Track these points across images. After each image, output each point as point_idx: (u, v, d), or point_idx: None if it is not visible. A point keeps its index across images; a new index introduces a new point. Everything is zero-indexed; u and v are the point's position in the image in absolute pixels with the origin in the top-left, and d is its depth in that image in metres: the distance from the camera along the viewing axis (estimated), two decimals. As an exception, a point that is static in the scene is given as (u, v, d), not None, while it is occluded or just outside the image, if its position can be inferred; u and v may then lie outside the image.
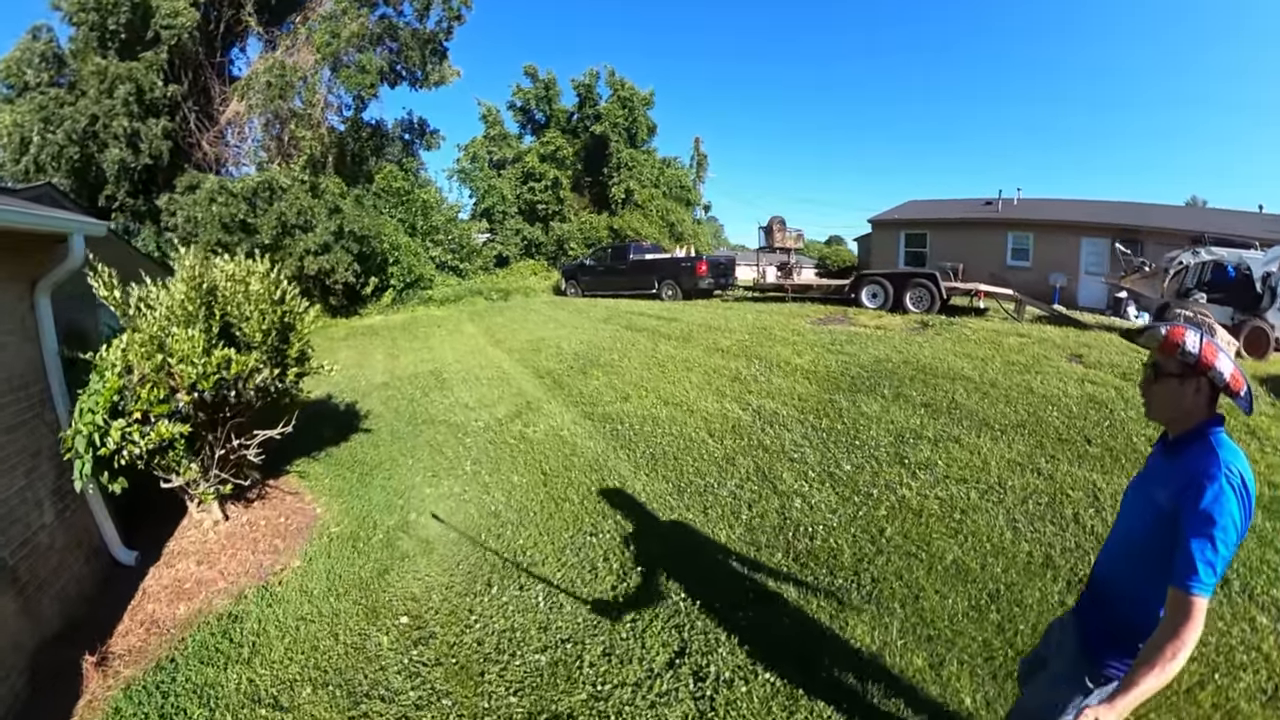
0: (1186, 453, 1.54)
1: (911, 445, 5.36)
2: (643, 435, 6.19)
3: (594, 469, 5.55)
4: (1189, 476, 1.47)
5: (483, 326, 13.40)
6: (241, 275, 4.70)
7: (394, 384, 9.31)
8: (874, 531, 4.17)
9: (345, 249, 13.93)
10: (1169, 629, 1.39)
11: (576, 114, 25.83)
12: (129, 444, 3.81)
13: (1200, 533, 1.40)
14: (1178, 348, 1.53)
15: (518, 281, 19.09)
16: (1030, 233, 20.98)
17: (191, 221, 13.18)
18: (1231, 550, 1.41)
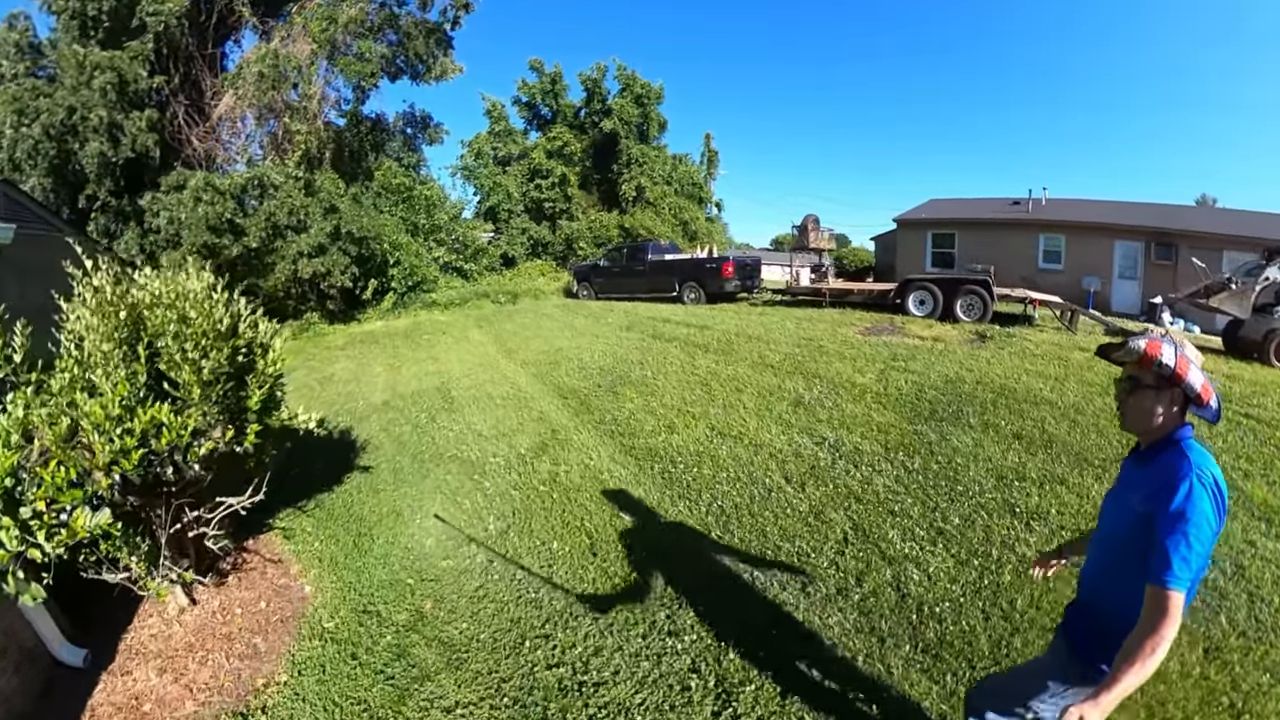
0: (1159, 458, 1.58)
1: (1017, 489, 4.48)
2: (702, 480, 5.02)
3: (650, 529, 4.40)
4: (1163, 480, 1.51)
5: (491, 333, 12.22)
6: (171, 298, 3.48)
7: (396, 403, 8.13)
8: (1004, 604, 3.35)
9: (342, 250, 12.75)
10: (1148, 625, 1.40)
11: (584, 109, 24.64)
12: (31, 547, 2.64)
13: (1175, 531, 1.43)
14: (1155, 361, 1.57)
15: (525, 283, 17.90)
16: (1062, 234, 20.10)
17: (174, 223, 11.96)
18: (1206, 548, 1.44)
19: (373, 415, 7.75)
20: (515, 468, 5.60)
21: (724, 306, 13.22)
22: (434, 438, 6.63)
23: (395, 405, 8.05)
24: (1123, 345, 1.65)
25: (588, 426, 6.50)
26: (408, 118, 18.14)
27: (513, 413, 7.18)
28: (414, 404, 8.00)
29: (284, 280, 13.23)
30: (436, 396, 8.23)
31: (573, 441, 6.10)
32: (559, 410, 7.13)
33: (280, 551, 4.61)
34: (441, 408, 7.69)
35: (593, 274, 15.56)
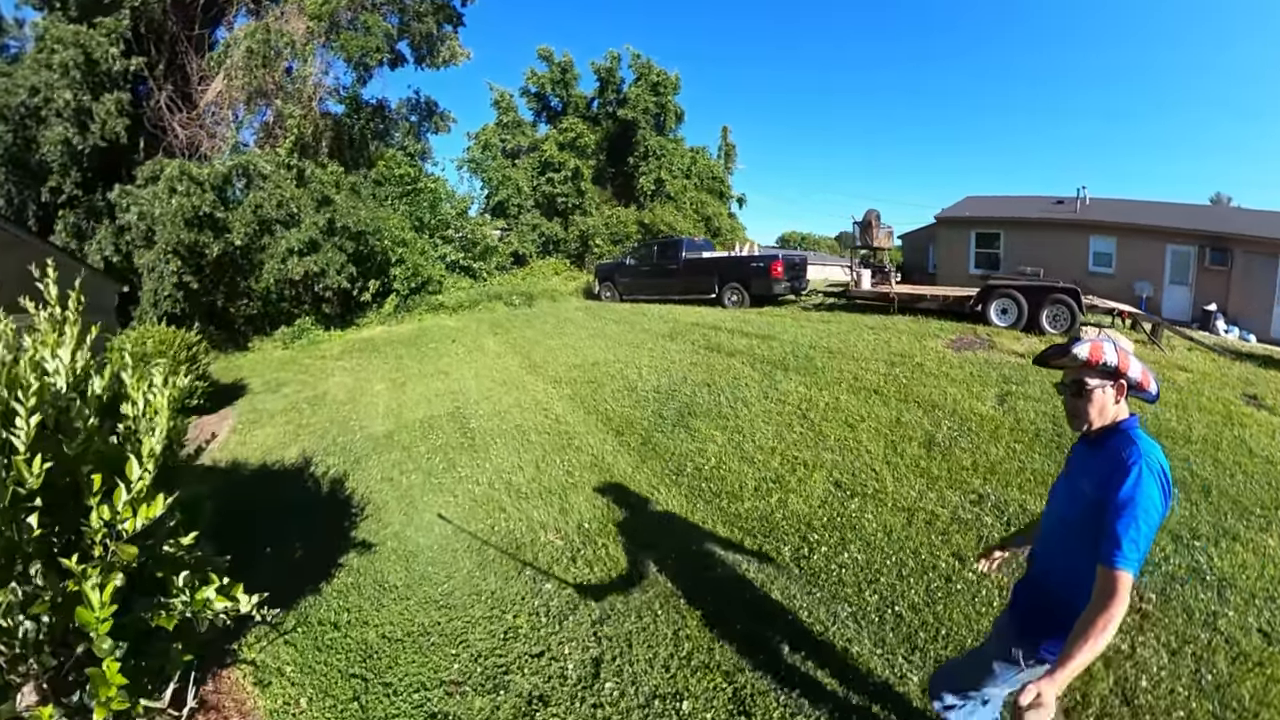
0: (1108, 445, 1.62)
1: (1194, 549, 3.53)
2: (857, 568, 3.35)
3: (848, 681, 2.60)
4: (1112, 466, 1.55)
5: (509, 341, 10.42)
6: None
7: (402, 437, 6.34)
8: (1235, 703, 2.51)
9: (337, 247, 10.96)
10: (1099, 604, 1.43)
11: (597, 100, 22.85)
12: None
13: (1124, 514, 1.46)
14: (1100, 361, 1.63)
15: (540, 283, 16.10)
16: (1113, 237, 18.65)
17: (146, 218, 10.15)
18: (1153, 530, 1.48)
19: (372, 454, 5.95)
20: (587, 559, 3.78)
21: (773, 311, 11.43)
22: (455, 495, 4.84)
23: (401, 440, 6.26)
24: (1065, 353, 1.70)
25: (664, 480, 4.72)
26: (412, 104, 16.33)
27: (555, 455, 5.39)
28: (424, 438, 6.21)
29: (273, 281, 11.40)
30: (452, 427, 6.44)
31: (651, 506, 4.32)
32: (616, 452, 5.35)
33: (252, 707, 2.82)
34: (460, 445, 5.90)
35: (617, 273, 13.78)
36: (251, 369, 10.74)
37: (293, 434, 6.96)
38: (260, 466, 6.03)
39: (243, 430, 7.41)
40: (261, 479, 5.73)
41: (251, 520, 4.75)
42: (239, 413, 8.25)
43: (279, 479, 5.68)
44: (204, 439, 8.14)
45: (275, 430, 7.15)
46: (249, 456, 6.45)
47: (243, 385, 9.76)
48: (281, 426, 7.28)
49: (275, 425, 7.38)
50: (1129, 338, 9.01)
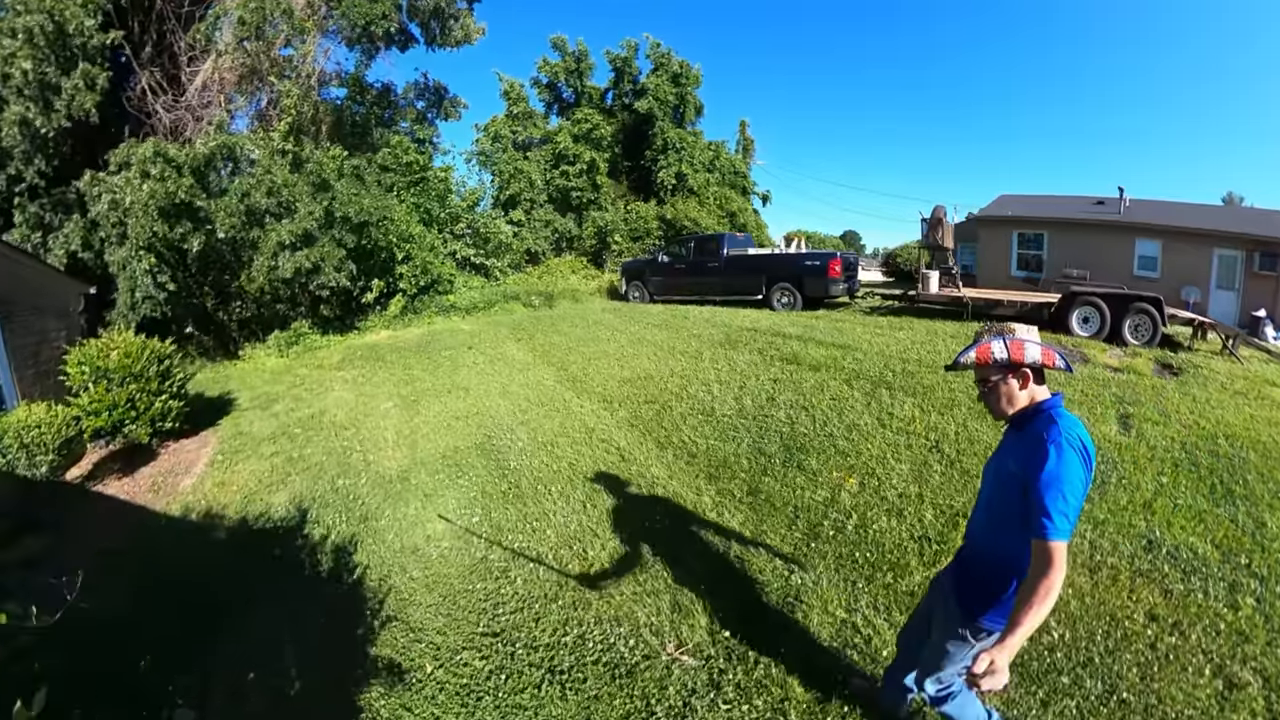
0: (1030, 427, 1.70)
1: None
2: (1082, 659, 2.56)
3: None
4: (1034, 444, 1.63)
5: (537, 348, 8.96)
6: None
7: (420, 479, 4.90)
8: None
9: (336, 240, 9.44)
10: (1038, 573, 1.50)
11: (612, 91, 21.41)
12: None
13: (1050, 488, 1.54)
14: (990, 358, 1.74)
15: (557, 282, 14.64)
16: (1158, 240, 17.75)
17: (117, 207, 8.60)
18: (1079, 500, 1.56)
19: (385, 506, 4.50)
20: (733, 685, 2.38)
21: (828, 314, 10.06)
22: (512, 581, 3.37)
23: (420, 484, 4.80)
24: (957, 363, 1.81)
25: (800, 547, 3.38)
26: (420, 89, 14.77)
27: (635, 514, 3.96)
28: (451, 481, 4.76)
29: (265, 281, 9.88)
30: (485, 466, 4.99)
31: (796, 591, 2.90)
32: (720, 506, 3.94)
33: None
34: (501, 494, 4.45)
35: (648, 271, 12.34)
36: (241, 380, 9.25)
37: (282, 471, 5.49)
38: (240, 522, 4.57)
39: (223, 463, 5.94)
40: (241, 543, 4.28)
41: (226, 617, 3.29)
42: (221, 437, 6.77)
43: (264, 543, 4.22)
44: (179, 470, 6.69)
45: (261, 465, 5.68)
46: (228, 503, 4.98)
47: (230, 400, 8.28)
48: (269, 460, 5.81)
49: (262, 457, 5.91)
50: (1205, 348, 8.15)
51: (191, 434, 7.00)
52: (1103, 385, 5.96)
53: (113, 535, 4.72)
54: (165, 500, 5.40)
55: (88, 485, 6.07)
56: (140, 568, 4.05)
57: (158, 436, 6.50)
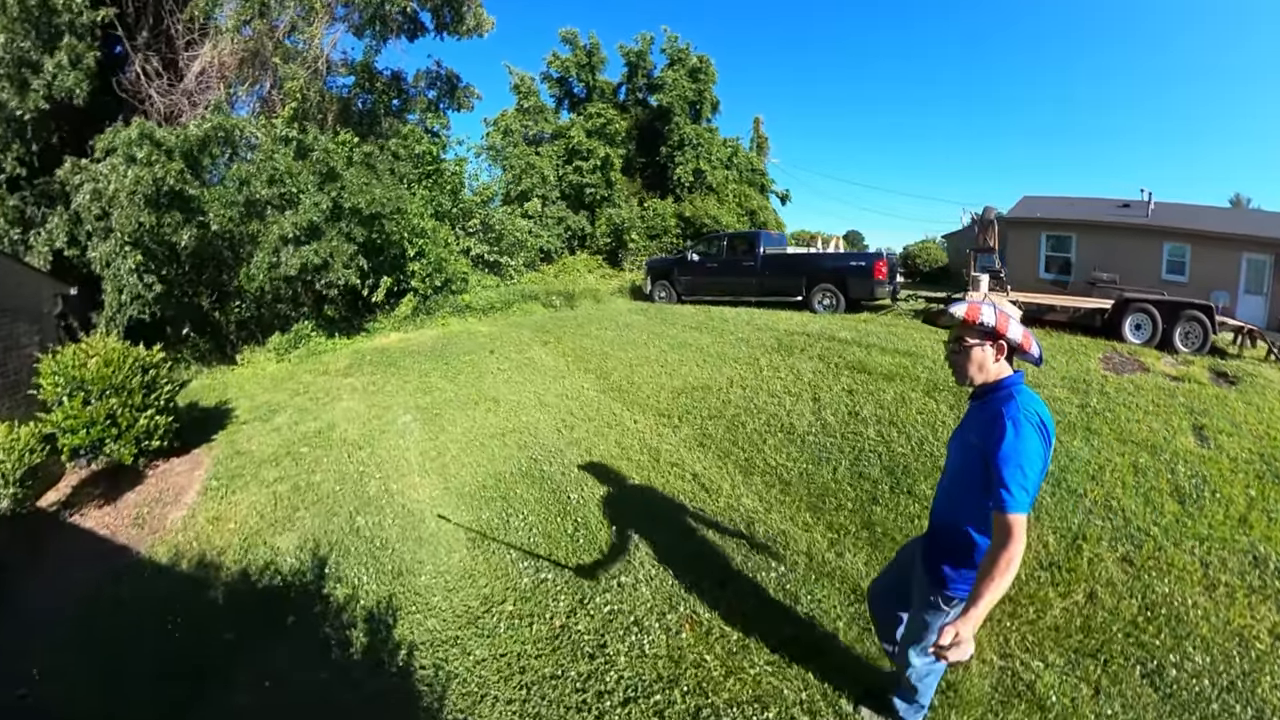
0: (990, 401, 1.71)
1: None
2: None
3: None
4: (993, 419, 1.63)
5: (568, 353, 8.06)
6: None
7: (460, 514, 3.99)
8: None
9: (345, 235, 8.49)
10: (999, 545, 1.51)
11: (625, 86, 20.55)
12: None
13: (1009, 463, 1.55)
14: (978, 320, 1.70)
15: (575, 281, 13.72)
16: (1186, 244, 17.44)
17: (100, 197, 7.62)
18: (1038, 474, 1.59)
19: (424, 556, 3.60)
20: None
21: (874, 318, 9.22)
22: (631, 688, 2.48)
23: (467, 527, 3.88)
24: (945, 312, 1.75)
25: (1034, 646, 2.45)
26: (431, 77, 13.79)
27: (741, 558, 3.05)
28: (504, 521, 3.88)
29: (265, 279, 8.93)
30: (540, 499, 4.10)
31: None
32: (840, 548, 3.09)
33: None
34: (570, 537, 3.57)
35: (677, 270, 11.45)
36: (239, 387, 8.30)
37: (289, 503, 4.57)
38: (240, 575, 3.65)
39: (219, 491, 5.01)
40: (243, 605, 3.37)
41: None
42: (217, 457, 5.84)
43: (272, 606, 3.30)
44: (168, 498, 5.73)
45: (263, 495, 4.76)
46: (225, 547, 4.06)
47: (227, 410, 7.35)
48: (272, 488, 4.89)
49: (263, 484, 4.99)
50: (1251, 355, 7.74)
51: (183, 452, 6.07)
52: (1169, 395, 5.45)
53: (84, 591, 3.79)
54: (151, 539, 4.47)
55: (64, 515, 5.14)
56: (113, 645, 3.13)
57: (144, 456, 5.57)
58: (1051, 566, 3.14)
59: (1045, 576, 3.07)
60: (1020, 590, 2.97)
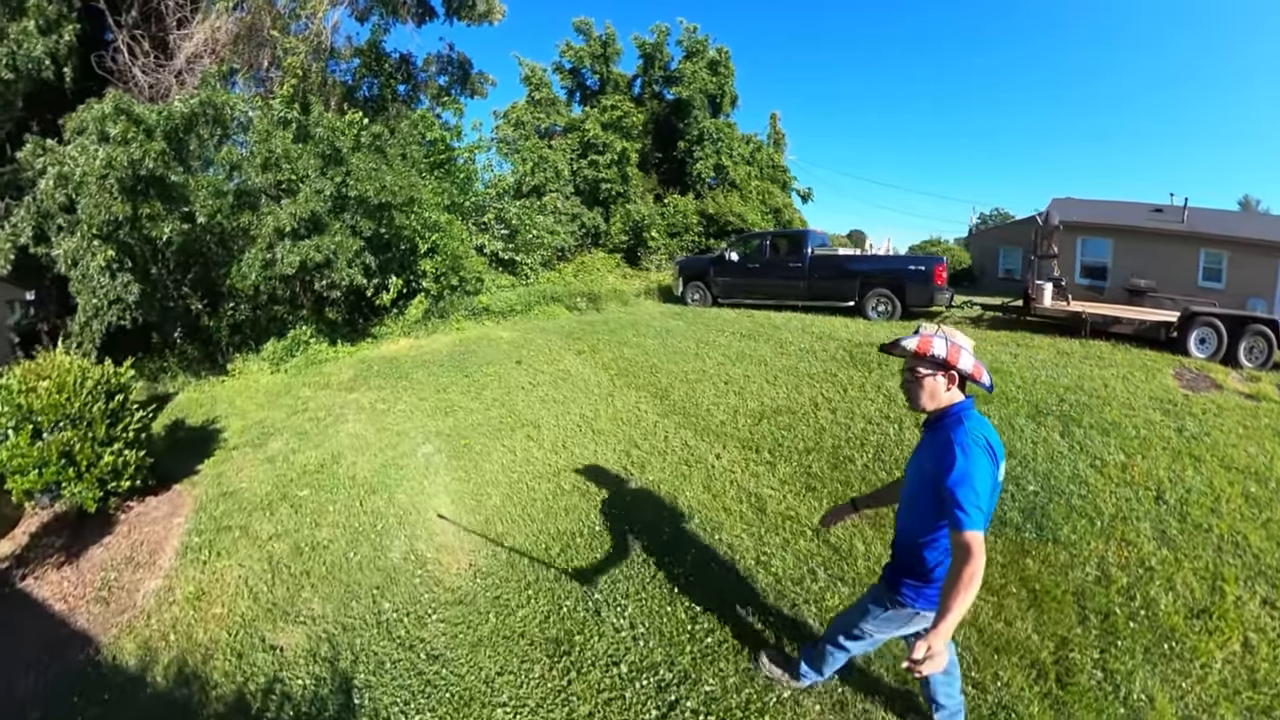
0: (941, 428, 1.79)
1: None
2: None
3: None
4: (944, 446, 1.71)
5: (605, 364, 7.00)
6: None
7: (532, 602, 2.92)
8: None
9: (350, 227, 7.34)
10: (960, 562, 1.56)
11: (641, 78, 19.42)
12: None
13: (960, 485, 1.62)
14: (929, 352, 1.77)
15: (596, 281, 12.65)
16: (1224, 251, 16.81)
17: (66, 183, 6.45)
18: (989, 493, 1.66)
19: (503, 695, 2.51)
20: None
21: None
22: None
23: (551, 634, 2.83)
24: (898, 345, 1.83)
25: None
26: (443, 61, 12.59)
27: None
28: (602, 615, 2.80)
29: (259, 278, 7.79)
30: (637, 578, 3.04)
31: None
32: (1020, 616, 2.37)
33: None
34: (705, 644, 2.50)
35: (714, 271, 10.41)
36: (230, 403, 7.18)
37: (290, 574, 3.50)
38: (233, 706, 2.55)
39: (202, 551, 3.92)
40: None
41: None
42: (201, 498, 4.74)
43: None
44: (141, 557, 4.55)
45: (256, 559, 3.68)
46: (210, 646, 2.99)
47: (214, 431, 6.26)
48: (267, 547, 3.81)
49: (257, 543, 3.90)
50: None
51: (161, 489, 4.97)
52: (1253, 416, 5.04)
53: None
54: (117, 624, 3.39)
55: (15, 576, 4.05)
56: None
57: (114, 497, 4.47)
58: (1202, 614, 2.87)
59: (1199, 625, 2.81)
60: (1181, 644, 2.69)
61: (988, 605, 2.82)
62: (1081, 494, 3.78)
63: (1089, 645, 2.63)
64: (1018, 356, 6.65)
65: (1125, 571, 3.10)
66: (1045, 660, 2.52)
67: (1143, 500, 3.74)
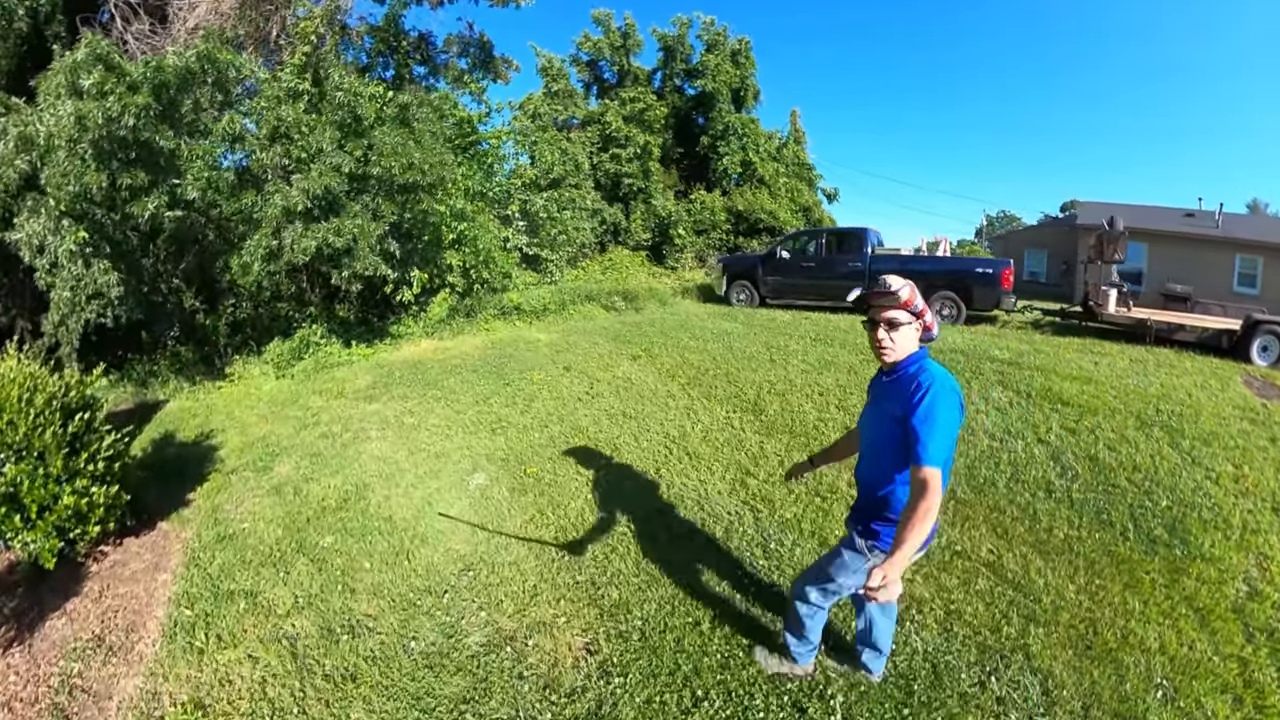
0: (906, 374, 1.76)
1: None
2: None
3: None
4: (912, 388, 1.70)
5: (671, 371, 5.93)
6: None
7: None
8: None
9: (371, 211, 6.23)
10: (917, 497, 1.59)
11: (661, 71, 18.44)
12: None
13: (926, 423, 1.63)
14: (912, 303, 1.77)
15: (626, 279, 11.57)
16: (1258, 256, 16.36)
17: (27, 146, 5.24)
18: (952, 432, 1.68)
19: None
20: None
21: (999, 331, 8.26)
22: None
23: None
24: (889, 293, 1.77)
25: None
26: (463, 42, 11.47)
27: None
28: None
29: (260, 270, 6.62)
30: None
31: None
32: None
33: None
34: None
35: (763, 270, 9.42)
36: (228, 413, 6.03)
37: (325, 674, 2.39)
38: None
39: (193, 630, 2.80)
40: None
41: None
42: (192, 545, 3.61)
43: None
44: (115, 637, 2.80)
45: (274, 647, 2.57)
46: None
47: (210, 448, 5.13)
48: (284, 624, 2.71)
49: (268, 619, 2.79)
50: None
51: (144, 529, 3.85)
52: None
53: None
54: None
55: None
56: None
57: (80, 542, 3.34)
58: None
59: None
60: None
61: (1164, 628, 2.61)
62: (1209, 506, 3.56)
63: (1265, 665, 2.44)
64: (1099, 364, 6.25)
65: (1273, 586, 2.91)
66: (1235, 684, 2.34)
67: (1263, 511, 3.52)
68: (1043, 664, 2.38)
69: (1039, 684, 2.28)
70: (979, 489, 3.67)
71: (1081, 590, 2.80)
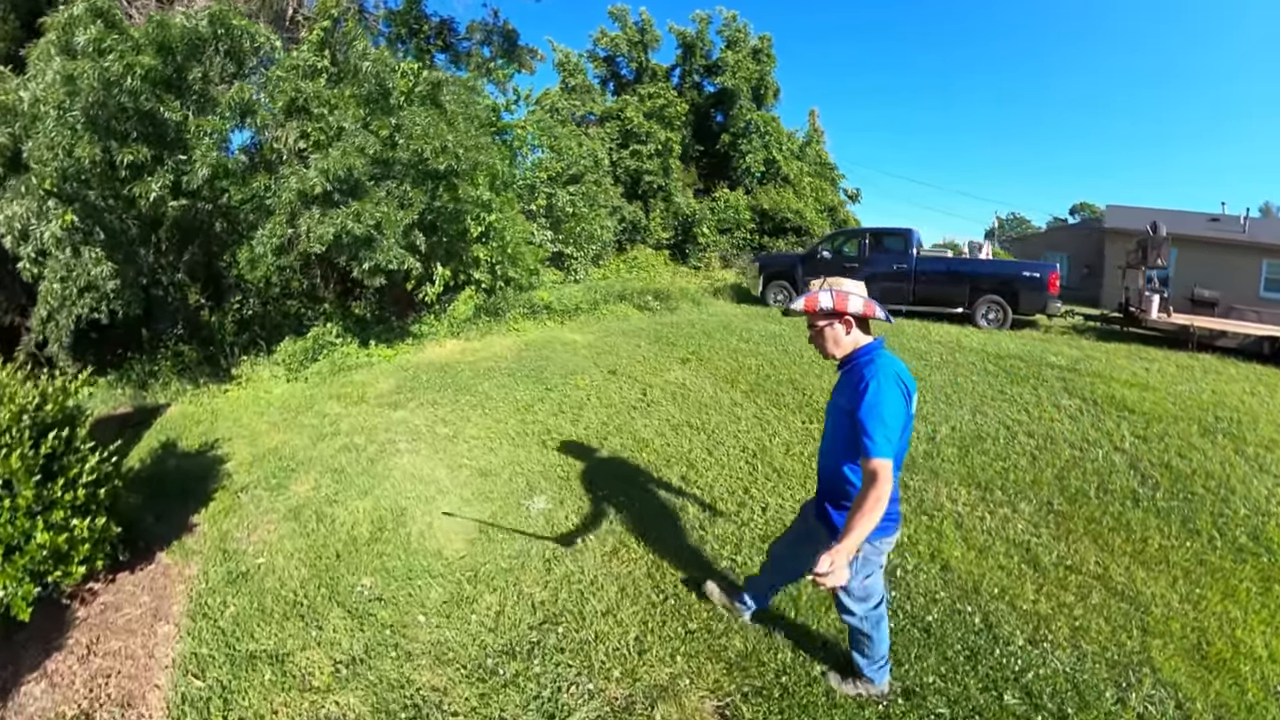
0: (852, 368, 1.82)
1: None
2: None
3: None
4: (856, 381, 1.74)
5: (727, 376, 5.29)
6: None
7: None
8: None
9: (399, 199, 5.56)
10: (867, 485, 1.61)
11: (680, 68, 17.90)
12: None
13: (870, 415, 1.65)
14: (817, 307, 1.82)
15: (654, 279, 10.92)
16: None
17: (12, 117, 4.54)
18: (897, 424, 1.68)
19: None
20: None
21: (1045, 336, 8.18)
22: None
23: None
24: (788, 309, 1.92)
25: None
26: (486, 30, 10.92)
27: None
28: None
29: (272, 262, 5.93)
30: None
31: None
32: None
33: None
34: None
35: (803, 270, 8.83)
36: (235, 419, 5.36)
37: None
38: None
39: (207, 713, 2.12)
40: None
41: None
42: (197, 586, 2.93)
43: None
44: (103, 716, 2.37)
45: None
46: None
47: (216, 459, 4.46)
48: (324, 708, 2.02)
49: (305, 694, 2.09)
50: None
51: (142, 562, 3.19)
52: None
53: None
54: None
55: None
56: None
57: (62, 586, 2.67)
58: None
59: None
60: None
61: (1269, 635, 2.47)
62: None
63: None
64: (1150, 370, 6.10)
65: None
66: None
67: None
68: (1167, 676, 2.26)
69: (1172, 698, 2.16)
70: (1072, 499, 3.50)
71: (1184, 600, 2.71)
